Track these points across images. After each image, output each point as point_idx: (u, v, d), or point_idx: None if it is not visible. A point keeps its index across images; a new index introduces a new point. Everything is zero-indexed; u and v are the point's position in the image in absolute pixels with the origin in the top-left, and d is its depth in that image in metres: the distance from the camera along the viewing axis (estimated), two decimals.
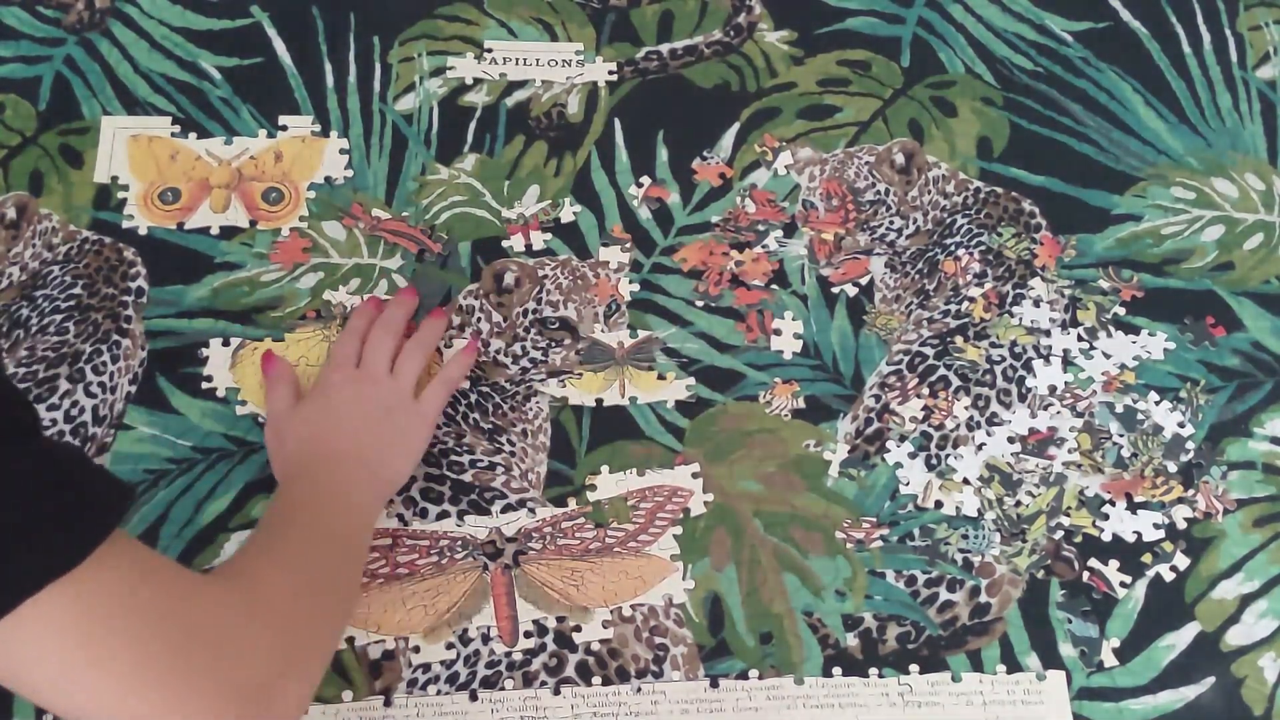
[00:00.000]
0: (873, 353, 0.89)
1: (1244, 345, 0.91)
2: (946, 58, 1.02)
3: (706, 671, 0.78)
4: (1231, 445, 0.87)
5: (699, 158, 0.96)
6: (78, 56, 0.97)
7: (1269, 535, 0.84)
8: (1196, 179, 0.97)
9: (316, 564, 0.71)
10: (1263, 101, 1.02)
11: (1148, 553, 0.83)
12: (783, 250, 0.93)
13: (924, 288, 0.92)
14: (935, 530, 0.82)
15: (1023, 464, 0.85)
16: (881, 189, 0.95)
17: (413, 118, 0.96)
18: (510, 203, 0.93)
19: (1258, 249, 0.95)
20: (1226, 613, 0.81)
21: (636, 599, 0.79)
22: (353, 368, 0.82)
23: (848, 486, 0.84)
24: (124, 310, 0.87)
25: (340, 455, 0.77)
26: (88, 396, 0.83)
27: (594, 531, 0.81)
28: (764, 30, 1.02)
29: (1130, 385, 0.88)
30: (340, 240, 0.91)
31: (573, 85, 0.99)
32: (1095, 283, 0.92)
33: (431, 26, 1.01)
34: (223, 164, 0.93)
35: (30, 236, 0.89)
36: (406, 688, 0.76)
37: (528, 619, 0.78)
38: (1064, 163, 0.97)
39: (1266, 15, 1.06)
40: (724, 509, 0.83)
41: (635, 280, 0.91)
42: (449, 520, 0.81)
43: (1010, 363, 0.89)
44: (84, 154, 0.93)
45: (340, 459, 0.77)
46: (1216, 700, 0.78)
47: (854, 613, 0.80)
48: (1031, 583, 0.81)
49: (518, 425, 0.85)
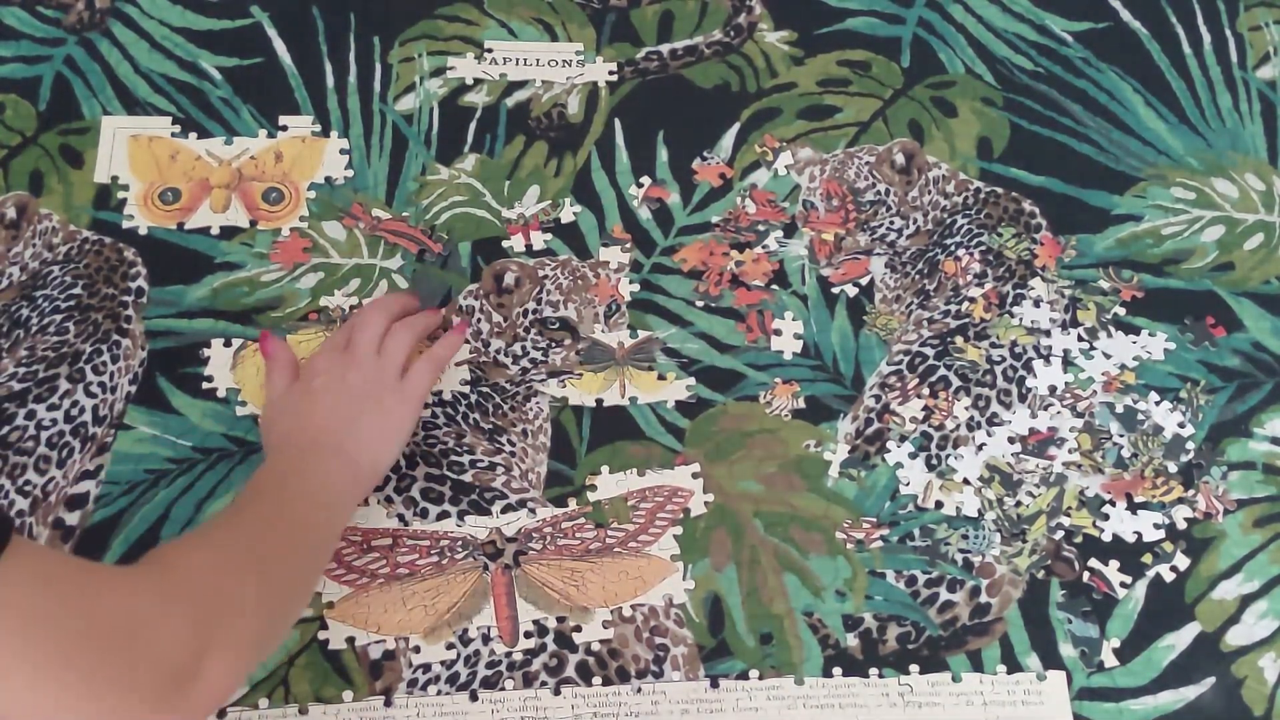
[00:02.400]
0: (873, 353, 0.89)
1: (1244, 345, 0.91)
2: (946, 58, 1.02)
3: (707, 672, 0.78)
4: (1232, 445, 0.87)
5: (699, 158, 0.96)
6: (78, 56, 0.97)
7: (1269, 535, 0.84)
8: (1196, 179, 0.97)
9: (250, 543, 0.69)
10: (1263, 101, 1.02)
11: (1148, 553, 0.83)
12: (783, 250, 0.93)
13: (924, 288, 0.92)
14: (935, 530, 0.82)
15: (1023, 464, 0.85)
16: (882, 189, 0.95)
17: (413, 118, 0.96)
18: (510, 203, 0.93)
19: (1258, 249, 0.95)
20: (1227, 613, 0.81)
21: (637, 599, 0.79)
22: (340, 351, 0.81)
23: (848, 487, 0.84)
24: (124, 310, 0.87)
25: (316, 443, 0.76)
26: (88, 396, 0.83)
27: (594, 532, 0.81)
28: (764, 30, 1.02)
29: (1130, 385, 0.88)
30: (340, 240, 0.91)
31: (573, 85, 0.99)
32: (1095, 283, 0.92)
33: (431, 27, 1.01)
34: (223, 164, 0.93)
35: (30, 236, 0.89)
36: (407, 688, 0.76)
37: (528, 619, 0.78)
38: (1064, 163, 0.97)
39: (1266, 15, 1.06)
40: (724, 509, 0.83)
41: (635, 280, 0.91)
42: (449, 520, 0.81)
43: (1010, 363, 0.89)
44: (84, 154, 0.93)
45: (316, 447, 0.76)
46: (1217, 700, 0.78)
47: (854, 613, 0.80)
48: (1032, 583, 0.81)
49: (518, 425, 0.85)
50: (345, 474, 0.76)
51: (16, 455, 0.81)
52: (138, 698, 0.58)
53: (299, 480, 0.75)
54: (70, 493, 0.81)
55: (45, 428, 0.82)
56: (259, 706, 0.75)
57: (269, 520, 0.72)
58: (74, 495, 0.81)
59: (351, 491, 0.77)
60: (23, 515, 0.79)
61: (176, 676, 0.59)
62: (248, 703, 0.75)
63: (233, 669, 0.63)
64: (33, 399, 0.83)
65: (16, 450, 0.81)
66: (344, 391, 0.79)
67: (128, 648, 0.58)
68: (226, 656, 0.62)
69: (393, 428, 0.79)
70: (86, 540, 0.79)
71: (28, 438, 0.82)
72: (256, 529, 0.71)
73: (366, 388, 0.79)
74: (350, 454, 0.77)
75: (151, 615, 0.60)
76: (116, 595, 0.59)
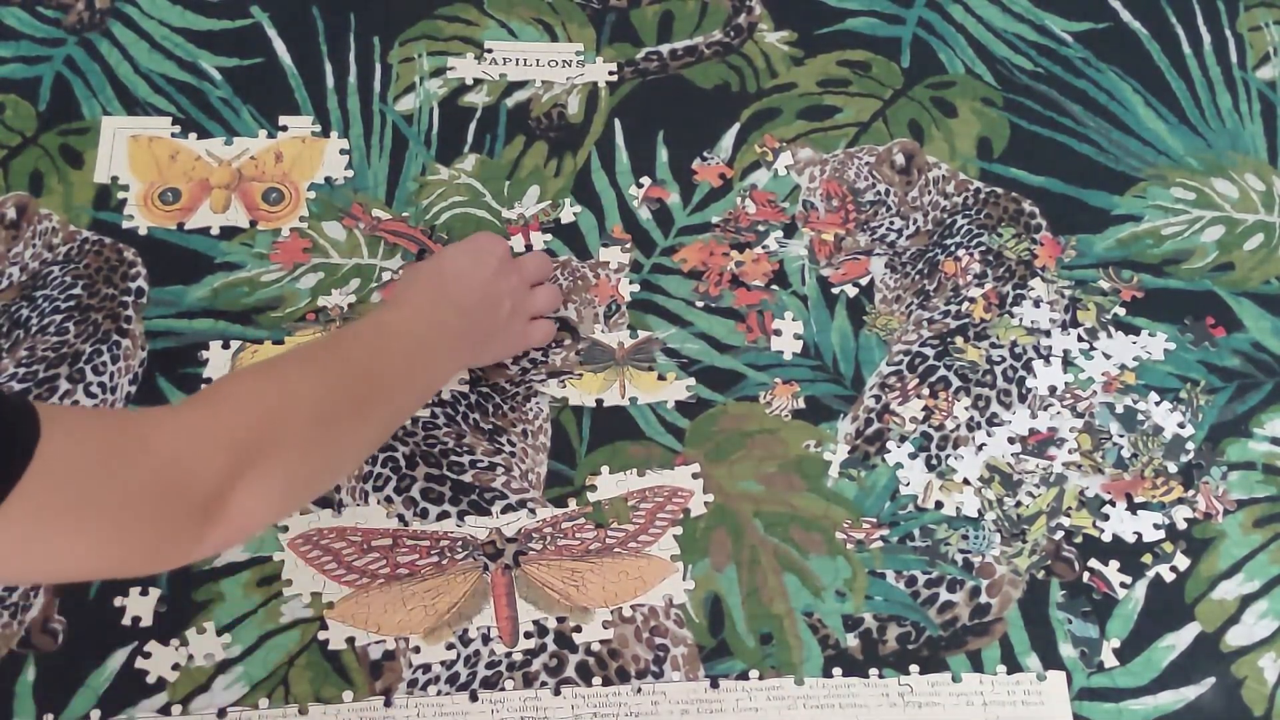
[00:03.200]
0: (873, 353, 0.89)
1: (1244, 346, 0.91)
2: (946, 58, 1.02)
3: (707, 672, 0.78)
4: (1231, 446, 0.87)
5: (699, 158, 0.96)
6: (78, 57, 0.97)
7: (1269, 536, 0.84)
8: (1196, 179, 0.97)
9: (324, 376, 0.69)
10: (1263, 102, 1.02)
11: (1148, 553, 0.83)
12: (783, 251, 0.93)
13: (924, 288, 0.92)
14: (935, 531, 0.82)
15: (1023, 464, 0.85)
16: (881, 189, 0.95)
17: (413, 118, 0.96)
18: (510, 203, 0.93)
19: (1258, 249, 0.95)
20: (1227, 613, 0.81)
21: (637, 599, 0.79)
22: (511, 257, 0.84)
23: (848, 487, 0.84)
24: (124, 310, 0.87)
25: (462, 312, 0.78)
26: (88, 396, 0.83)
27: (594, 532, 0.81)
28: (764, 31, 1.02)
29: (1130, 386, 0.88)
30: (340, 240, 0.91)
31: (573, 86, 0.99)
32: (1095, 283, 0.92)
33: (431, 27, 1.01)
34: (223, 164, 0.93)
35: (30, 236, 0.89)
36: (407, 688, 0.76)
37: (528, 619, 0.78)
38: (1064, 163, 0.97)
39: (1266, 15, 1.06)
40: (724, 509, 0.83)
41: (635, 280, 0.91)
42: (449, 521, 0.81)
43: (1010, 363, 0.89)
44: (84, 154, 0.93)
45: (460, 313, 0.78)
46: (1217, 701, 0.78)
47: (854, 613, 0.80)
48: (1032, 583, 0.81)
49: (518, 426, 0.85)
50: (456, 338, 0.78)
51: None
52: (165, 531, 0.59)
53: (422, 333, 0.76)
54: None
55: None
56: (259, 706, 0.75)
57: (362, 360, 0.72)
58: None
59: (454, 358, 0.80)
60: None
61: (206, 506, 0.60)
62: (248, 703, 0.75)
63: (267, 499, 0.63)
64: (33, 399, 0.83)
65: None
66: (501, 288, 0.81)
67: (158, 486, 0.59)
68: (262, 486, 0.62)
69: (508, 344, 0.84)
70: None
71: None
72: (339, 364, 0.71)
73: (515, 301, 0.82)
74: (472, 340, 0.79)
75: (186, 449, 0.60)
76: (157, 436, 0.60)
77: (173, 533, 0.60)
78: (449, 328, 0.78)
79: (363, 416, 0.71)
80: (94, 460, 0.57)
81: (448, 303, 0.78)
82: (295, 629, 0.77)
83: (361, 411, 0.71)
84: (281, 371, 0.70)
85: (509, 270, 0.83)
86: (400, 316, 0.77)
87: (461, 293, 0.79)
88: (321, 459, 0.68)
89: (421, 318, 0.77)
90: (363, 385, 0.71)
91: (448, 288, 0.79)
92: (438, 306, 0.78)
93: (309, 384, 0.68)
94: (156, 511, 0.59)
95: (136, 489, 0.58)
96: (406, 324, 0.76)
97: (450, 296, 0.79)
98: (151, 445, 0.60)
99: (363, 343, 0.74)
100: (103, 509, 0.57)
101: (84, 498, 0.56)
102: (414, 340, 0.75)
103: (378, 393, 0.72)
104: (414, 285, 0.80)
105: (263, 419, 0.64)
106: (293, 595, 0.78)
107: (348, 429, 0.70)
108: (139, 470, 0.59)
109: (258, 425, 0.63)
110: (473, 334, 0.80)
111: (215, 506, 0.60)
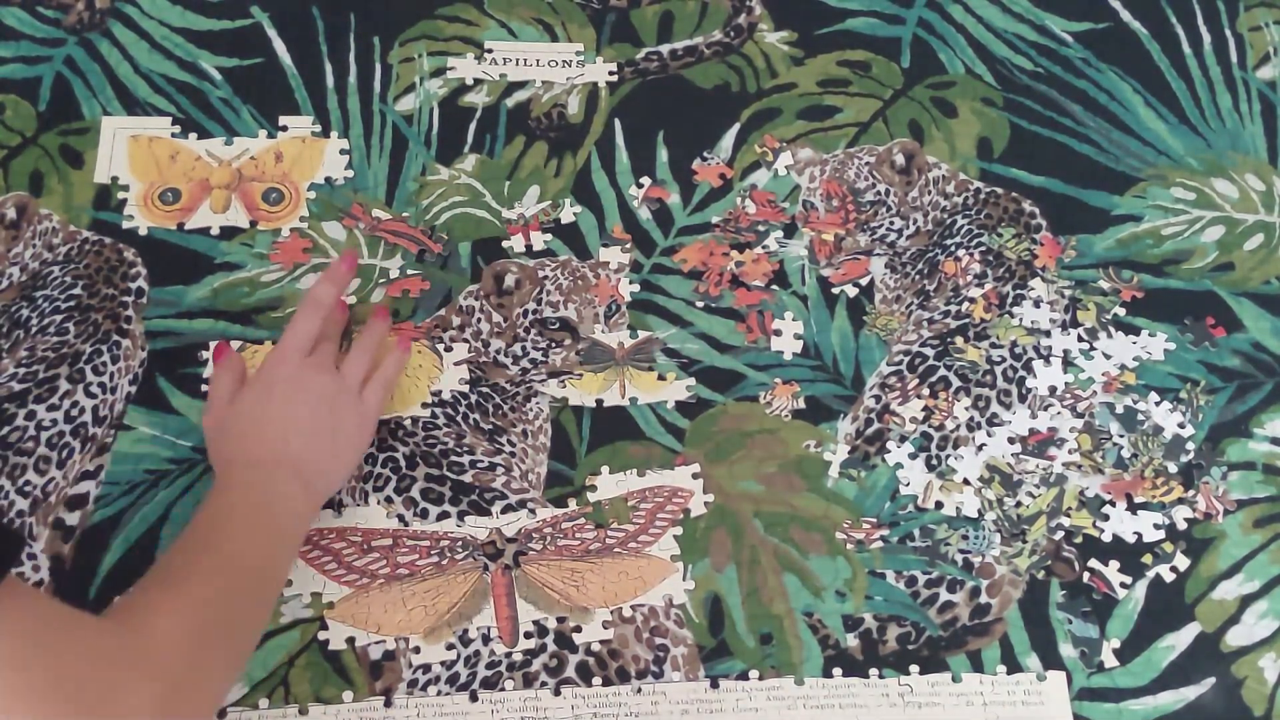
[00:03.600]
0: (873, 353, 0.89)
1: (1244, 346, 0.91)
2: (946, 58, 1.02)
3: (707, 672, 0.78)
4: (1232, 446, 0.87)
5: (699, 158, 0.96)
6: (78, 57, 0.97)
7: (1269, 536, 0.84)
8: (1196, 179, 0.97)
9: (222, 603, 0.68)
10: (1263, 102, 1.02)
11: (1148, 553, 0.83)
12: (783, 251, 0.93)
13: (924, 288, 0.92)
14: (935, 531, 0.82)
15: (1023, 465, 0.85)
16: (882, 189, 0.95)
17: (413, 118, 0.96)
18: (510, 203, 0.93)
19: (1258, 249, 0.95)
20: (1227, 613, 0.81)
21: (637, 599, 0.79)
22: (297, 362, 0.78)
23: (848, 487, 0.84)
24: (124, 310, 0.87)
25: (274, 462, 0.74)
26: (88, 397, 0.83)
27: (594, 532, 0.81)
28: (764, 31, 1.02)
29: (1130, 386, 0.88)
30: (340, 241, 0.91)
31: (573, 86, 0.99)
32: (1095, 283, 0.92)
33: (431, 27, 1.01)
34: (223, 164, 0.93)
35: (30, 237, 0.89)
36: (407, 688, 0.76)
37: (528, 619, 0.78)
38: (1064, 163, 0.97)
39: (1266, 15, 1.06)
40: (724, 509, 0.83)
41: (635, 281, 0.91)
42: (449, 521, 0.81)
43: (1010, 363, 0.89)
44: (84, 154, 0.93)
45: (274, 467, 0.74)
46: (1217, 701, 0.78)
47: (854, 613, 0.80)
48: (1032, 583, 0.81)
49: (518, 426, 0.85)
50: (302, 498, 0.75)
51: (16, 456, 0.81)
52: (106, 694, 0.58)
53: (262, 509, 0.73)
54: (70, 493, 0.81)
55: (45, 428, 0.82)
56: (259, 706, 0.75)
57: (235, 563, 0.70)
58: (74, 495, 0.81)
59: (307, 516, 0.77)
60: (23, 515, 0.79)
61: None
62: (248, 703, 0.75)
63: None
64: (33, 399, 0.83)
65: (16, 451, 0.81)
66: (304, 404, 0.77)
67: (93, 713, 0.58)
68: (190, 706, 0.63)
69: (354, 450, 0.79)
70: (86, 540, 0.79)
71: (28, 438, 0.82)
72: (224, 577, 0.69)
73: (328, 405, 0.78)
74: (308, 476, 0.76)
75: (119, 685, 0.60)
76: (93, 655, 0.60)
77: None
78: (288, 492, 0.74)
79: (258, 614, 0.73)
80: (43, 646, 0.57)
81: (266, 464, 0.74)
82: (295, 629, 0.77)
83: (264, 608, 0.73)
84: (181, 601, 0.66)
85: (304, 377, 0.78)
86: (227, 494, 0.74)
87: (274, 440, 0.75)
88: (235, 673, 0.71)
89: (255, 491, 0.74)
90: (239, 603, 0.70)
91: (256, 449, 0.75)
92: (261, 472, 0.74)
93: (211, 612, 0.67)
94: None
95: (72, 704, 0.58)
96: (236, 500, 0.73)
97: (264, 452, 0.75)
98: (85, 660, 0.59)
99: (223, 544, 0.71)
100: (40, 700, 0.57)
101: (26, 679, 0.56)
102: (265, 512, 0.73)
103: (252, 607, 0.72)
104: (228, 462, 0.76)
105: (184, 663, 0.63)
106: (293, 595, 0.78)
107: (249, 633, 0.72)
108: (75, 682, 0.58)
109: (182, 671, 0.63)
110: (307, 473, 0.75)
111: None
